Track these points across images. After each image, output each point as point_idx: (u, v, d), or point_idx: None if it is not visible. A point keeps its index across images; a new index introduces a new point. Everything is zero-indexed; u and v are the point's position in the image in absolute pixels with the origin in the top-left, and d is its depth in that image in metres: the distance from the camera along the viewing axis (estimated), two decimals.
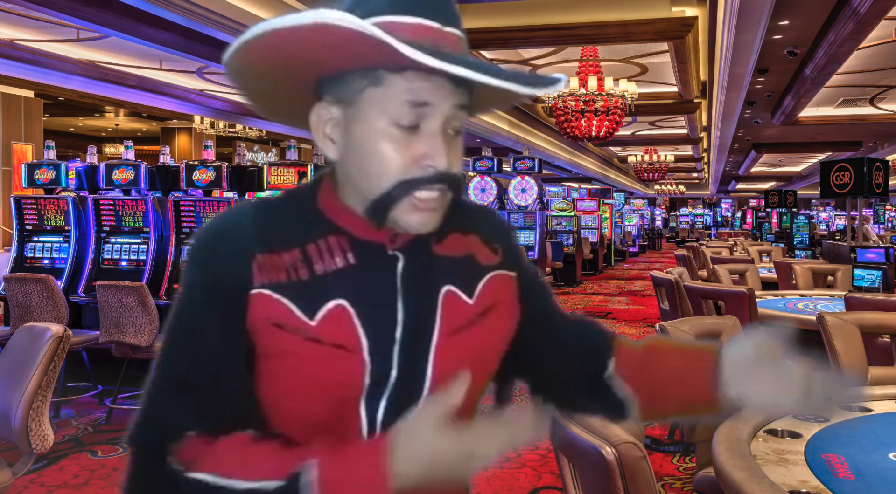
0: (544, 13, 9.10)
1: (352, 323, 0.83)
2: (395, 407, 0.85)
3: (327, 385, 0.83)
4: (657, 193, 37.12)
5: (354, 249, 0.86)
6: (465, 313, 0.90)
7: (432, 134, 0.82)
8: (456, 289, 0.90)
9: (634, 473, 1.23)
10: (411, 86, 0.81)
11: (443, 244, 0.91)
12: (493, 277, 0.94)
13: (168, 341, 0.86)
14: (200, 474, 0.79)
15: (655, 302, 5.47)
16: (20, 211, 5.80)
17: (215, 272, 0.84)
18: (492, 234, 0.98)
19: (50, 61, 9.69)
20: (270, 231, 0.86)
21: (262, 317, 0.83)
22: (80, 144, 17.28)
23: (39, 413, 2.31)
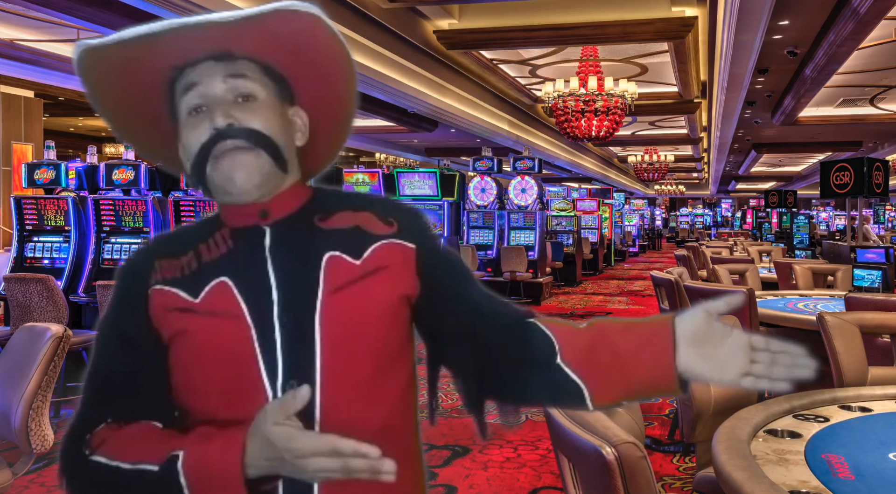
0: (544, 13, 9.10)
1: (231, 293, 0.94)
2: (293, 369, 0.92)
3: (223, 352, 0.93)
4: (657, 193, 37.11)
5: (233, 237, 0.99)
6: (350, 271, 0.97)
7: (210, 104, 0.95)
8: (340, 253, 0.97)
9: (634, 473, 1.23)
10: (186, 78, 0.97)
11: (329, 221, 1.00)
12: (385, 243, 1.00)
13: (94, 345, 1.01)
14: (100, 456, 0.93)
15: (655, 302, 5.47)
16: (20, 211, 5.80)
17: (124, 279, 1.01)
18: (387, 210, 1.04)
19: (50, 61, 9.69)
20: (174, 242, 1.02)
21: (160, 308, 0.96)
22: (80, 144, 17.27)
23: (39, 414, 2.31)
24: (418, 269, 1.01)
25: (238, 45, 0.97)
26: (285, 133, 1.00)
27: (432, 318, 1.04)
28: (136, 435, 0.94)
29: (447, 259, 1.07)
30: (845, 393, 2.12)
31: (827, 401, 2.04)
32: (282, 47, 0.99)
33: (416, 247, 1.02)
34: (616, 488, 1.22)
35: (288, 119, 1.01)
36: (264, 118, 0.97)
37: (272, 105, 0.99)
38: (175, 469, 0.87)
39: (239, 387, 0.92)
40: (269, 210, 0.99)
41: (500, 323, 1.04)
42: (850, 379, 2.54)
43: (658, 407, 4.88)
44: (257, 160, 0.95)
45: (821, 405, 2.01)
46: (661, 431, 4.32)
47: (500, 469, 3.63)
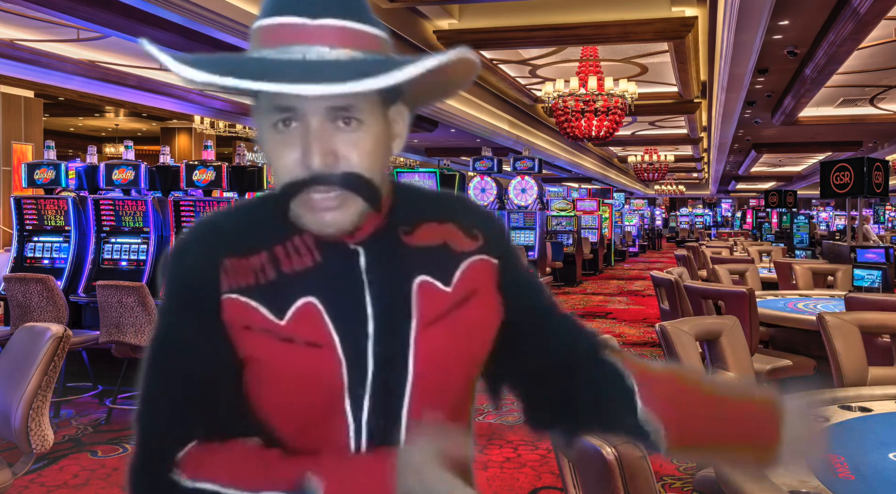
0: (544, 13, 9.10)
1: (322, 319, 0.84)
2: (379, 403, 0.85)
3: (306, 383, 0.84)
4: (657, 193, 37.11)
5: (319, 247, 0.87)
6: (443, 301, 0.89)
7: (304, 133, 0.81)
8: (431, 279, 0.89)
9: (634, 473, 1.22)
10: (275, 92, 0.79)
11: (414, 235, 0.91)
12: (472, 263, 0.93)
13: (152, 354, 0.87)
14: (204, 483, 0.80)
15: (655, 302, 5.47)
16: (20, 211, 5.80)
17: (185, 283, 0.86)
18: (470, 221, 0.95)
19: (50, 61, 9.69)
20: (238, 236, 0.88)
21: (236, 322, 0.85)
22: (80, 144, 17.28)
23: (39, 413, 2.31)
24: (500, 286, 0.95)
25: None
26: (384, 155, 0.87)
27: (513, 337, 0.96)
28: (241, 455, 0.83)
29: (528, 276, 1.00)
30: (845, 393, 2.12)
31: (827, 401, 2.04)
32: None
33: (499, 263, 0.95)
34: (616, 488, 1.22)
35: (388, 125, 0.88)
36: (366, 152, 0.83)
37: (377, 126, 0.84)
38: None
39: (319, 419, 0.85)
40: (359, 227, 0.87)
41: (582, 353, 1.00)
42: (850, 379, 2.54)
43: None
44: (351, 209, 0.83)
45: (821, 405, 2.01)
46: None
47: (500, 469, 3.63)
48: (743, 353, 2.60)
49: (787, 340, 4.07)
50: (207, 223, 0.91)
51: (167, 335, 0.88)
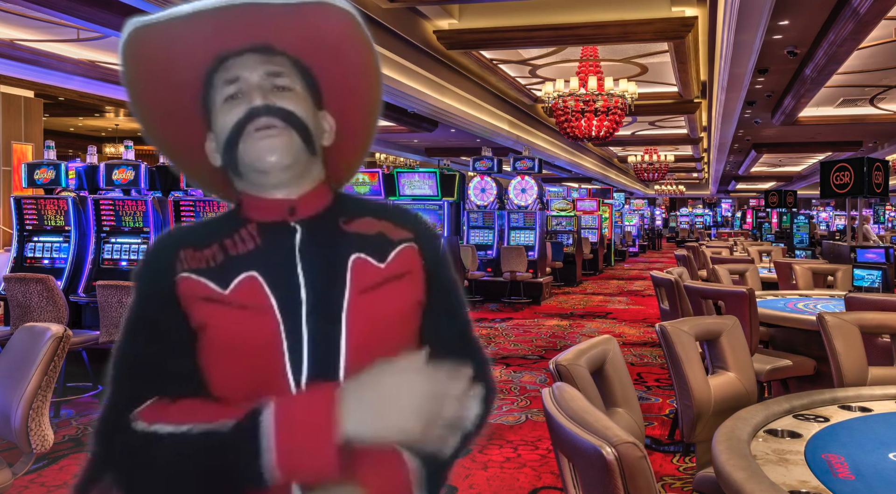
0: (544, 13, 9.10)
1: (261, 288, 0.95)
2: (318, 366, 0.93)
3: (250, 345, 0.93)
4: (657, 193, 37.11)
5: (261, 232, 1.00)
6: (377, 274, 0.99)
7: (248, 89, 0.98)
8: (365, 256, 1.00)
9: (634, 473, 1.22)
10: (226, 70, 0.99)
11: (352, 224, 1.03)
12: (405, 247, 1.04)
13: (121, 332, 1.00)
14: (159, 425, 0.89)
15: (655, 302, 5.47)
16: (20, 211, 5.80)
17: (150, 272, 1.00)
18: (405, 219, 1.07)
19: (50, 61, 9.69)
20: (196, 235, 1.02)
21: (188, 295, 0.96)
22: (80, 144, 17.28)
23: (39, 413, 2.31)
24: (424, 275, 1.05)
25: (277, 39, 1.00)
26: (316, 126, 1.02)
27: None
28: (198, 404, 0.93)
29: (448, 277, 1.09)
30: (845, 393, 2.12)
31: (827, 401, 2.04)
32: (317, 44, 1.01)
33: (425, 256, 1.06)
34: (616, 488, 1.22)
35: (318, 118, 1.04)
36: (298, 105, 1.00)
37: (306, 99, 1.02)
38: (257, 421, 0.84)
39: (263, 380, 0.93)
40: (297, 207, 1.01)
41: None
42: (850, 379, 2.54)
43: (658, 407, 4.88)
44: (290, 140, 0.97)
45: (821, 405, 2.01)
46: (661, 431, 4.32)
47: (500, 469, 3.63)
48: (743, 353, 2.60)
49: (787, 340, 4.07)
50: (178, 228, 1.06)
51: (130, 313, 1.00)
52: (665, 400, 5.00)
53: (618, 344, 2.14)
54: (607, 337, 2.12)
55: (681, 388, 2.42)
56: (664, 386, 5.36)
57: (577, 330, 8.15)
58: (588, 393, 1.77)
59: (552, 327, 8.32)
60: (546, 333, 7.89)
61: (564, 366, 1.82)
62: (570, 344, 5.33)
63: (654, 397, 5.12)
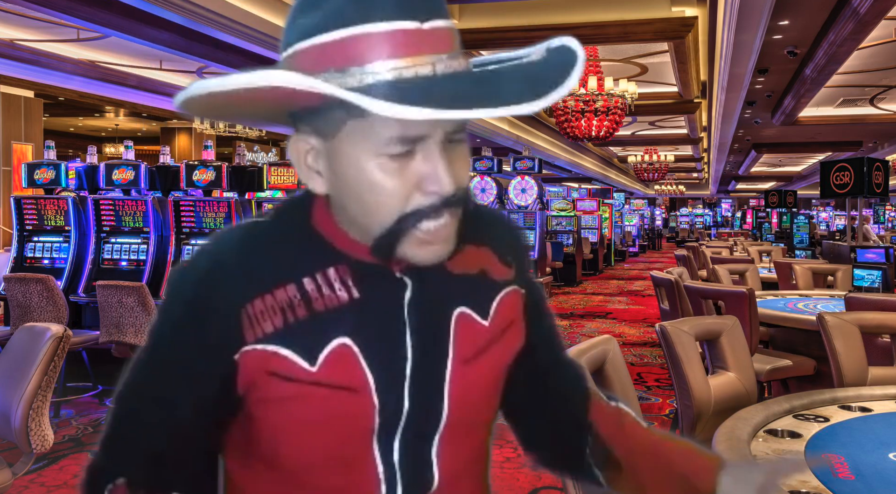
0: (544, 13, 9.10)
1: (357, 362, 0.76)
2: (410, 442, 0.81)
3: (335, 425, 0.78)
4: (657, 193, 37.11)
5: (357, 278, 0.78)
6: (481, 337, 0.84)
7: (430, 156, 0.72)
8: (469, 311, 0.83)
9: None
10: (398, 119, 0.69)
11: (455, 260, 0.81)
12: (507, 294, 0.88)
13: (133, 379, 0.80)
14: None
15: (655, 302, 5.47)
16: (20, 211, 5.80)
17: (195, 334, 0.76)
18: (505, 246, 0.91)
19: (50, 61, 9.69)
20: (261, 267, 0.77)
21: (255, 370, 0.76)
22: (80, 144, 17.28)
23: (39, 413, 2.31)
24: (525, 319, 0.92)
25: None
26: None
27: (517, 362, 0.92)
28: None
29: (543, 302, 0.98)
30: (845, 393, 2.12)
31: (827, 401, 2.04)
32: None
33: (525, 293, 0.92)
34: None
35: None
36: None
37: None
38: None
39: (346, 461, 0.79)
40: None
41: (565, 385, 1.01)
42: (850, 379, 2.54)
43: (658, 407, 4.88)
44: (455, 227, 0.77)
45: (821, 405, 2.01)
46: None
47: (500, 469, 3.63)
48: (743, 353, 2.60)
49: (787, 340, 4.07)
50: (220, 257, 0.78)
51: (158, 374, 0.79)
52: (665, 400, 5.00)
53: (618, 344, 2.14)
54: (607, 337, 2.12)
55: (681, 388, 2.42)
56: (664, 386, 5.36)
57: (577, 330, 8.15)
58: None
59: None
60: None
61: None
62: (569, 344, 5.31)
63: (654, 397, 5.12)
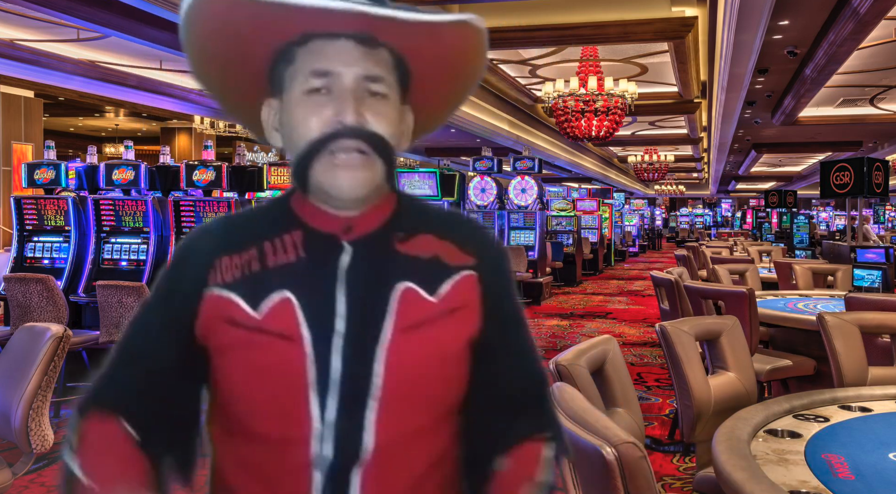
0: (544, 13, 9.10)
1: (294, 314, 0.85)
2: (346, 403, 0.84)
3: (273, 374, 0.85)
4: (657, 193, 37.11)
5: (307, 242, 0.89)
6: (426, 310, 0.88)
7: (340, 92, 0.85)
8: (415, 287, 0.88)
9: (634, 473, 1.22)
10: (314, 53, 0.85)
11: (409, 243, 0.91)
12: (462, 277, 0.91)
13: (131, 319, 0.95)
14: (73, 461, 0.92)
15: (655, 302, 5.47)
16: (20, 211, 5.81)
17: (176, 276, 0.92)
18: (470, 240, 0.94)
19: (50, 61, 9.69)
20: (235, 234, 0.92)
21: (214, 315, 0.88)
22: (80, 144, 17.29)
23: (39, 413, 2.31)
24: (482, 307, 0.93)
25: (386, 35, 0.87)
26: (397, 141, 0.91)
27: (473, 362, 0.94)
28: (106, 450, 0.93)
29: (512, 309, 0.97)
30: (845, 393, 2.12)
31: (827, 401, 2.04)
32: (428, 53, 0.90)
33: (486, 285, 0.93)
34: (616, 488, 1.22)
35: (403, 120, 0.93)
36: (389, 122, 0.87)
37: (397, 106, 0.90)
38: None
39: (286, 412, 0.85)
40: (355, 226, 0.90)
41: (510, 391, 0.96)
42: (850, 379, 2.54)
43: (658, 407, 4.88)
44: (373, 173, 0.86)
45: (821, 405, 2.01)
46: (661, 431, 4.32)
47: None
48: (743, 353, 2.60)
49: (787, 340, 4.07)
50: (209, 226, 0.94)
51: (143, 308, 0.94)
52: (665, 400, 5.00)
53: (618, 344, 2.14)
54: (607, 337, 2.12)
55: (681, 388, 2.42)
56: (664, 386, 5.36)
57: (577, 330, 8.15)
58: (588, 393, 1.77)
59: (552, 327, 8.31)
60: (546, 333, 7.89)
61: (564, 366, 1.82)
62: (570, 344, 5.32)
63: (654, 397, 5.12)
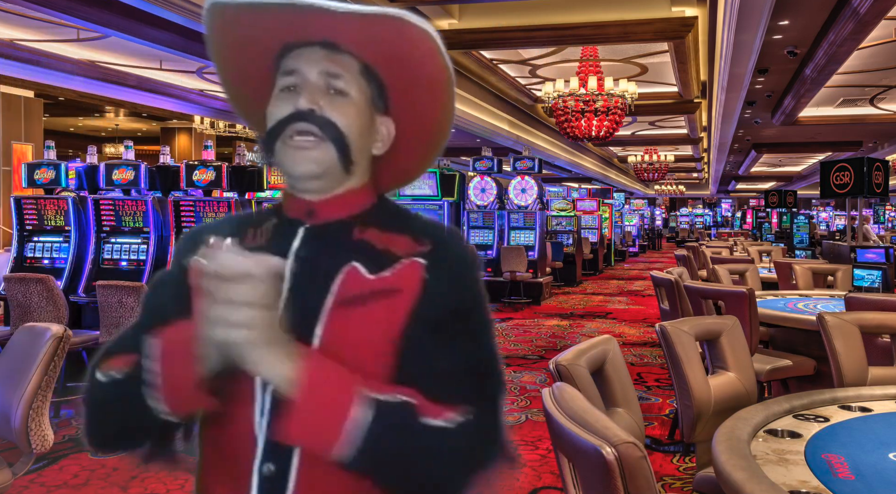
0: (544, 13, 9.10)
1: None
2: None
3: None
4: (657, 193, 37.11)
5: (276, 228, 1.01)
6: (364, 286, 0.94)
7: (303, 85, 0.97)
8: (360, 267, 0.95)
9: (634, 473, 1.22)
10: (290, 58, 0.99)
11: (368, 234, 0.99)
12: (406, 262, 0.95)
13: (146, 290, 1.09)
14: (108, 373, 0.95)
15: (655, 302, 5.47)
16: (20, 211, 5.80)
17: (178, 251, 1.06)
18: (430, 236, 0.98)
19: (50, 61, 9.69)
20: (233, 223, 1.06)
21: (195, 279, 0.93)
22: (80, 144, 17.28)
23: (39, 414, 2.31)
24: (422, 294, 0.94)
25: (344, 38, 0.98)
26: (364, 136, 1.00)
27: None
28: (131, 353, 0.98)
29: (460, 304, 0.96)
30: (845, 393, 2.13)
31: (827, 401, 2.04)
32: (384, 54, 0.99)
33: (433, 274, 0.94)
34: (616, 488, 1.22)
35: (373, 124, 1.01)
36: (346, 115, 0.97)
37: (360, 106, 0.99)
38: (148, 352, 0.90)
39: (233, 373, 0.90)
40: (316, 211, 1.00)
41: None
42: (850, 379, 2.54)
43: (658, 407, 4.88)
44: (323, 153, 0.96)
45: (821, 405, 2.01)
46: (661, 431, 4.32)
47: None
48: (743, 353, 2.60)
49: (787, 340, 4.07)
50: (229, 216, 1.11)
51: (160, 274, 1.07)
52: (665, 400, 5.00)
53: (618, 344, 2.14)
54: (607, 337, 2.12)
55: (681, 388, 2.42)
56: (664, 386, 5.36)
57: (577, 330, 8.15)
58: (588, 393, 1.77)
59: (552, 327, 8.31)
60: (546, 333, 7.89)
61: (564, 366, 1.82)
62: (570, 344, 5.32)
63: (654, 397, 5.12)
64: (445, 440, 0.88)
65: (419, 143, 1.07)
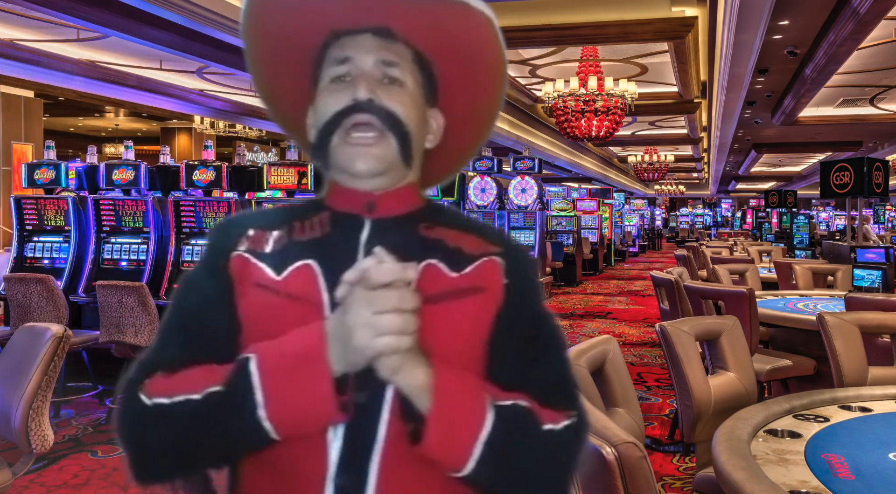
0: (544, 13, 9.10)
1: (315, 279, 0.89)
2: (364, 376, 0.84)
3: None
4: (657, 193, 37.10)
5: (332, 221, 0.95)
6: (447, 283, 0.90)
7: (358, 75, 0.91)
8: (439, 264, 0.91)
9: (634, 473, 1.22)
10: (339, 47, 0.93)
11: (434, 231, 0.94)
12: (488, 260, 0.93)
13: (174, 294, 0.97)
14: (159, 399, 0.85)
15: (655, 302, 5.47)
16: (20, 211, 5.80)
17: (214, 244, 0.96)
18: (496, 238, 0.96)
19: (50, 61, 9.69)
20: (273, 216, 0.97)
21: (241, 279, 0.91)
22: (80, 144, 17.28)
23: (39, 414, 2.31)
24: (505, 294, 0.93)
25: (400, 25, 0.93)
26: (420, 128, 0.95)
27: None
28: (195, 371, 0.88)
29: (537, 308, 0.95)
30: (845, 393, 2.13)
31: (827, 401, 2.04)
32: (441, 42, 0.94)
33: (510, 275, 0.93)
34: (616, 488, 1.22)
35: (425, 117, 0.97)
36: (405, 105, 0.92)
37: (415, 97, 0.94)
38: (247, 370, 0.81)
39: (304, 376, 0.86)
40: (377, 204, 0.94)
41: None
42: (850, 379, 2.54)
43: (658, 407, 4.88)
44: (386, 149, 0.90)
45: (821, 405, 2.01)
46: (661, 431, 4.32)
47: None
48: (743, 353, 2.60)
49: (787, 340, 4.07)
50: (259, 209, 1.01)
51: (186, 282, 0.96)
52: (665, 400, 5.00)
53: (618, 344, 2.14)
54: (607, 337, 2.12)
55: (681, 388, 2.42)
56: (664, 386, 5.36)
57: (577, 330, 8.15)
58: (588, 393, 1.77)
59: None
60: None
61: None
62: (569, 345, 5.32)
63: (654, 397, 5.12)
64: (563, 445, 0.88)
65: (464, 139, 1.03)
